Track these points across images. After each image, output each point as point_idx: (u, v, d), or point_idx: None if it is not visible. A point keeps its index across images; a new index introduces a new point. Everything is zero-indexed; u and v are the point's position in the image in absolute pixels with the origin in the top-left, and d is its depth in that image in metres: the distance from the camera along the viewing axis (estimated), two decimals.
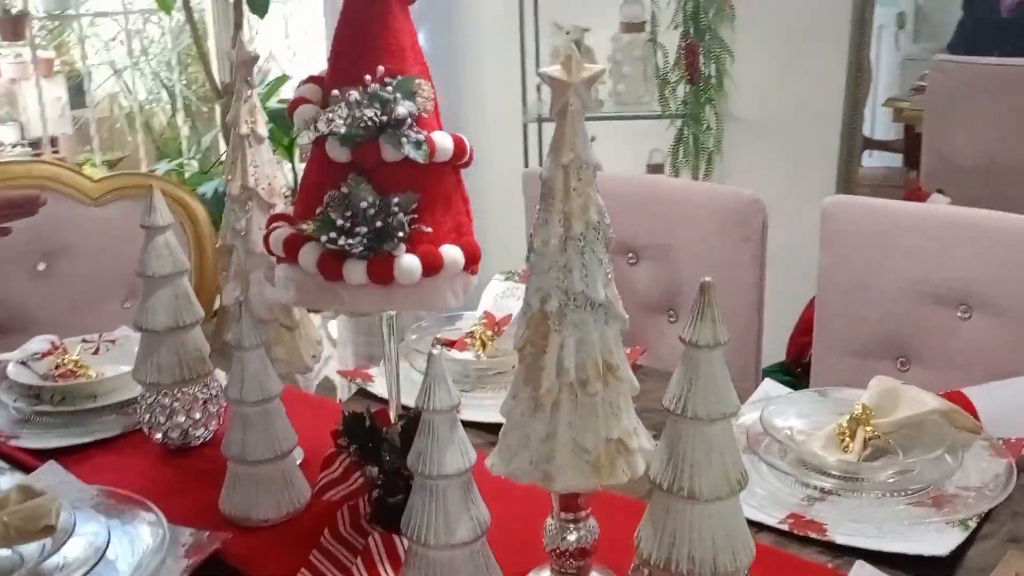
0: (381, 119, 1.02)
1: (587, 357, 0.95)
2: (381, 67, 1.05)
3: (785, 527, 1.16)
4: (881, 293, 1.69)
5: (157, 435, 1.39)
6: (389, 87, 1.03)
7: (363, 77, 1.05)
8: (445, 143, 1.08)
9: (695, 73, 2.63)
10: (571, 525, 1.04)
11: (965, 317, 1.61)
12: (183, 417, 1.37)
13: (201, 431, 1.40)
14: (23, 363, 1.58)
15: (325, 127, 1.03)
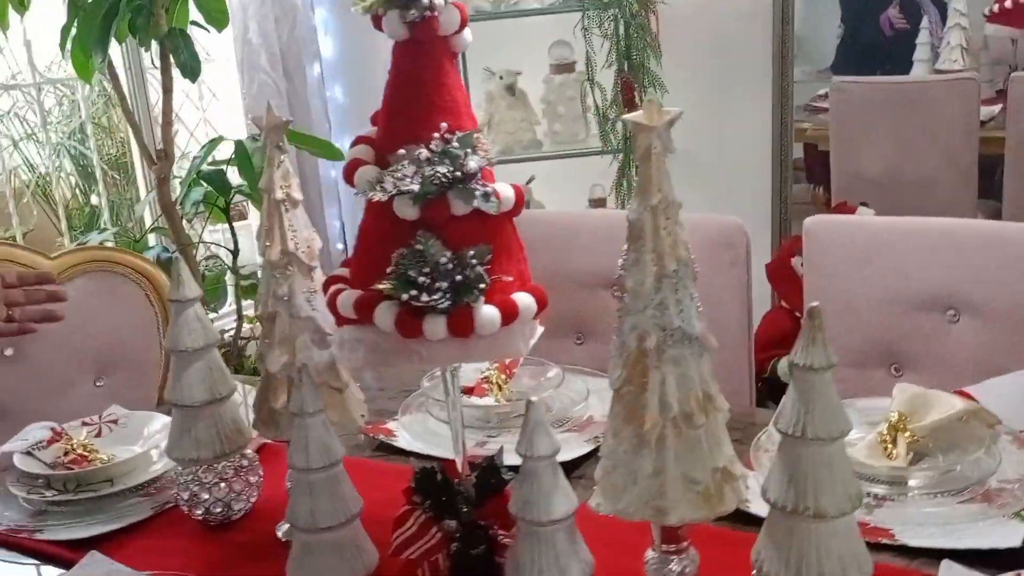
0: (454, 175, 1.03)
1: (689, 391, 0.97)
2: (444, 123, 1.06)
3: None
4: (868, 304, 1.76)
5: (197, 512, 1.35)
6: (455, 143, 1.05)
7: (422, 135, 1.06)
8: (508, 193, 1.09)
9: (633, 108, 2.70)
10: (674, 556, 1.05)
11: (954, 320, 1.69)
12: (225, 491, 1.34)
13: (242, 504, 1.37)
14: (28, 453, 1.52)
15: (393, 187, 1.03)
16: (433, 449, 1.51)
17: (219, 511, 1.35)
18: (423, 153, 1.03)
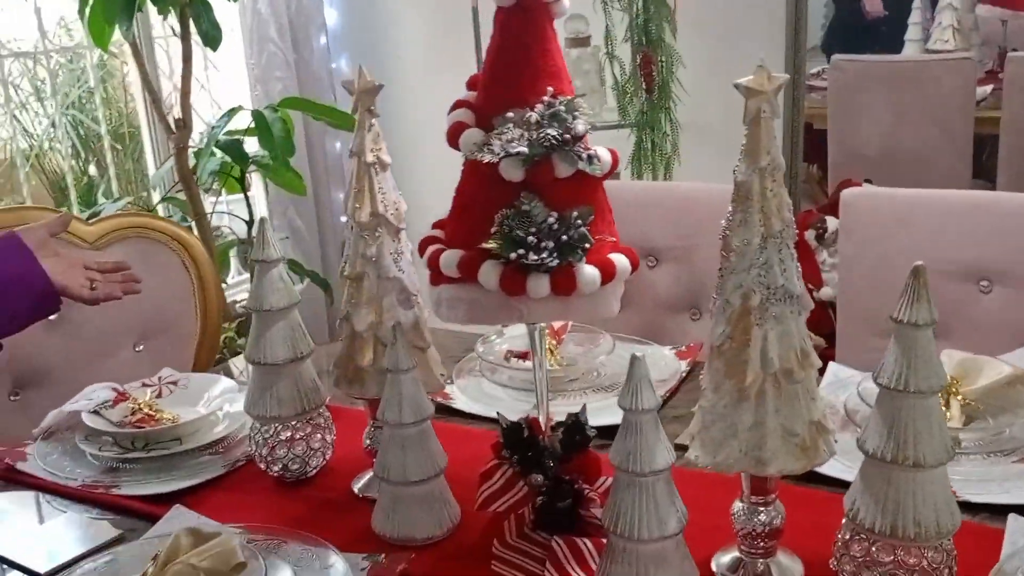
0: (563, 136, 1.06)
1: (789, 347, 1.02)
2: (551, 88, 1.09)
3: None
4: (901, 274, 1.80)
5: (275, 468, 1.39)
6: (561, 107, 1.08)
7: (528, 99, 1.10)
8: (607, 157, 1.13)
9: (651, 82, 2.74)
10: (761, 508, 1.10)
11: (986, 290, 1.75)
12: (303, 448, 1.38)
13: (318, 460, 1.41)
14: (96, 412, 1.55)
15: (501, 149, 1.07)
16: (490, 411, 1.55)
17: (296, 467, 1.39)
18: (533, 116, 1.07)
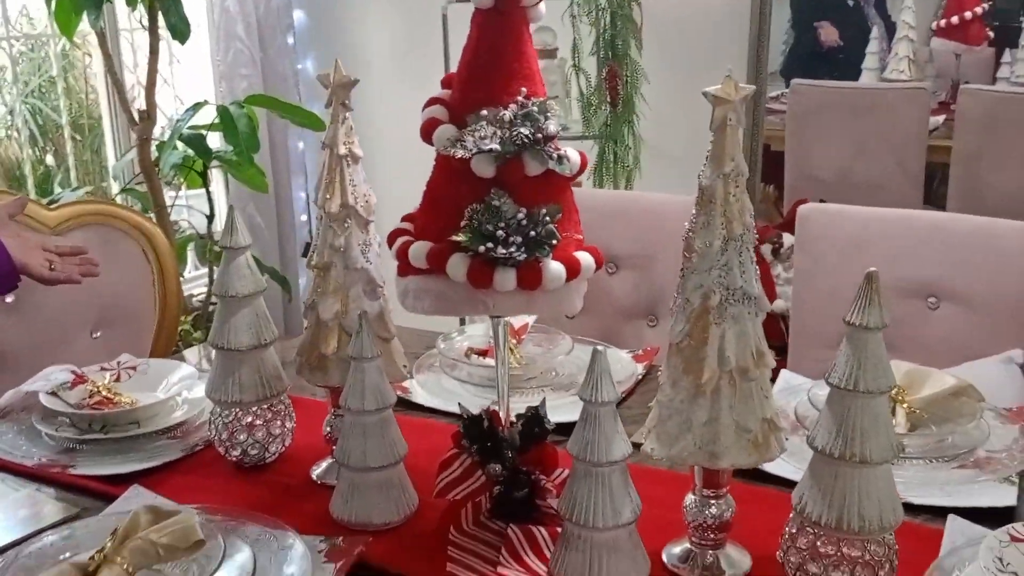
0: (535, 136, 1.10)
1: (745, 347, 1.06)
2: (524, 88, 1.13)
3: None
4: (854, 289, 1.86)
5: (234, 453, 1.40)
6: (534, 108, 1.11)
7: (502, 99, 1.13)
8: (576, 158, 1.17)
9: (616, 96, 2.78)
10: (712, 501, 1.14)
11: (934, 307, 1.81)
12: (263, 433, 1.39)
13: (277, 447, 1.42)
14: (53, 393, 1.55)
15: (473, 145, 1.10)
16: (449, 405, 1.58)
17: (255, 453, 1.40)
18: (506, 115, 1.10)
